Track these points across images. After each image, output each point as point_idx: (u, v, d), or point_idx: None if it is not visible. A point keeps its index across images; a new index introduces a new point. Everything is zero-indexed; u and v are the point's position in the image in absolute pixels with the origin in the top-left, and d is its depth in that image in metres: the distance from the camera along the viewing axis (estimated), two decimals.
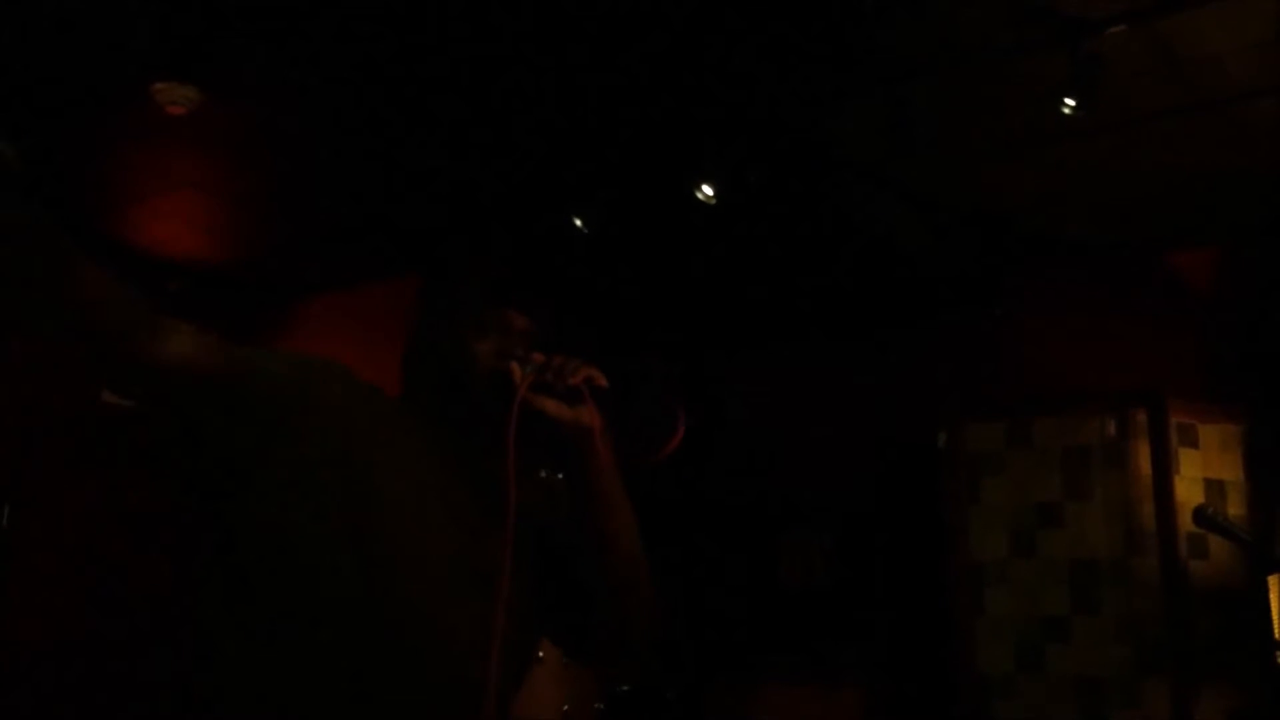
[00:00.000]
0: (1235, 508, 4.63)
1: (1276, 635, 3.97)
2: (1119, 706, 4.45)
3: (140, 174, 4.77)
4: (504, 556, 1.62)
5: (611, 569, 1.74)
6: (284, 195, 5.00)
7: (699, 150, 4.36)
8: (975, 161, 4.52)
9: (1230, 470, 4.68)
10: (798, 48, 3.80)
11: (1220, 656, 4.41)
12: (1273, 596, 4.01)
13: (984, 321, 5.42)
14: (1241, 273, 5.04)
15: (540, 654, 4.36)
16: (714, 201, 4.46)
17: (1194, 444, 4.64)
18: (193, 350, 1.52)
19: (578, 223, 4.81)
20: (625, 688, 4.80)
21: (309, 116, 4.31)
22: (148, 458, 5.71)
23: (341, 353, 6.16)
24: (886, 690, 5.29)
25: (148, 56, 3.80)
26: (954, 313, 5.57)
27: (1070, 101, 3.66)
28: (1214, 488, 4.62)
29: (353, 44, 3.78)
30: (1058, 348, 5.25)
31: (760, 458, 5.95)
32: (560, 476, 1.81)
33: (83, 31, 3.67)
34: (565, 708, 4.40)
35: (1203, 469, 4.64)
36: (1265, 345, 4.82)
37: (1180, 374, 4.91)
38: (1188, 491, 4.53)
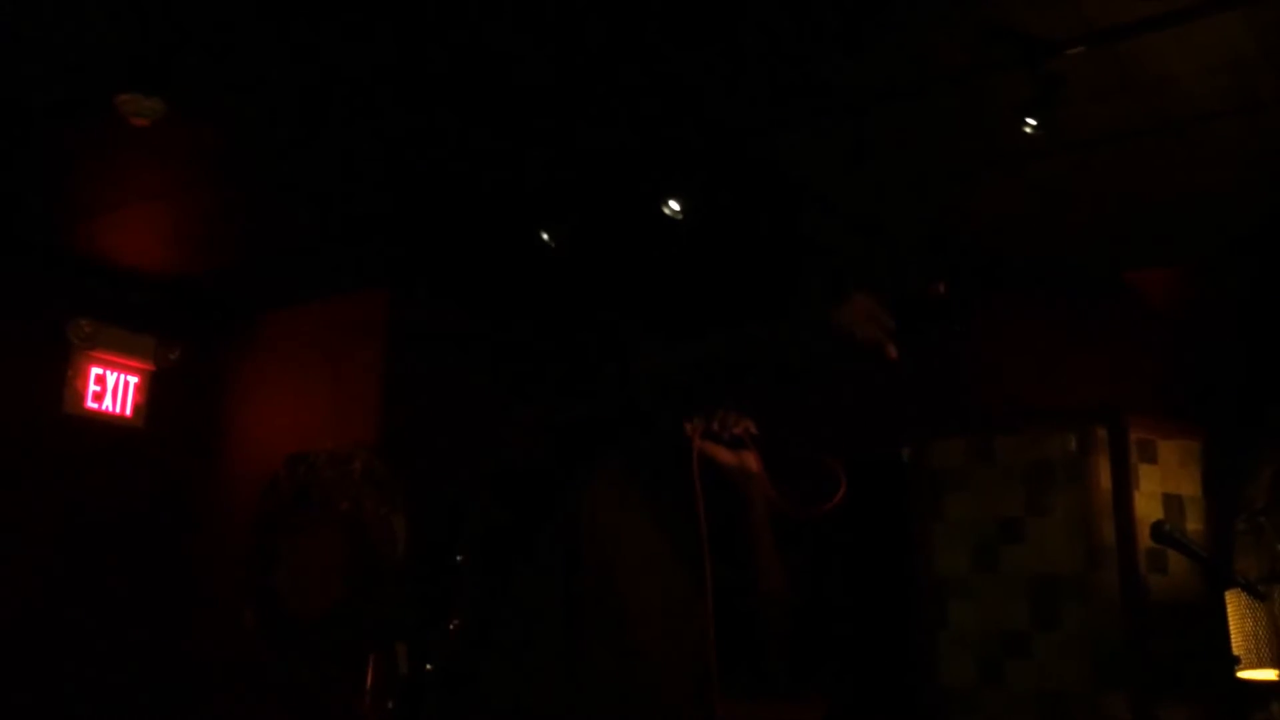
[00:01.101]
0: (1194, 523, 4.69)
1: (1234, 650, 4.01)
2: None
3: (103, 186, 4.73)
4: (706, 581, 1.86)
5: (763, 593, 2.00)
6: (248, 208, 4.97)
7: (667, 171, 4.39)
8: (939, 183, 4.56)
9: (1189, 486, 4.74)
10: (762, 72, 3.83)
11: (1178, 671, 4.46)
12: (1230, 611, 4.05)
13: (944, 337, 5.46)
14: (1200, 292, 5.11)
15: None
16: (681, 218, 4.48)
17: (1153, 460, 4.70)
18: None
19: (544, 237, 4.82)
20: None
21: (274, 129, 4.29)
22: (105, 463, 5.67)
23: (306, 366, 6.10)
24: (850, 703, 5.30)
25: (112, 68, 3.78)
26: (919, 332, 5.61)
27: (1031, 121, 3.70)
28: (1173, 503, 4.68)
29: (319, 59, 3.78)
30: (1020, 365, 5.30)
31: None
32: None
33: (47, 42, 3.65)
34: None
35: (1162, 485, 4.69)
36: (1223, 362, 4.89)
37: (1140, 391, 4.97)
38: (1147, 507, 4.58)
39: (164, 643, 5.66)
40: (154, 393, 5.90)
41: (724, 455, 1.98)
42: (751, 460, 1.99)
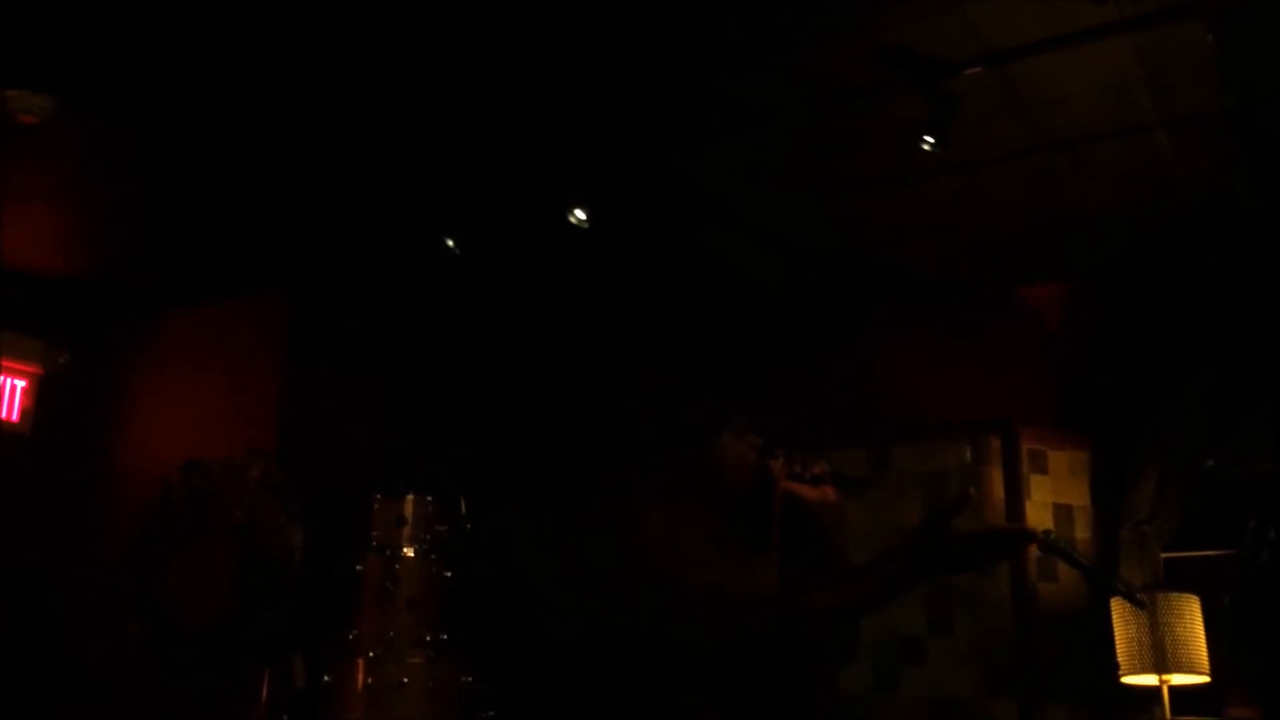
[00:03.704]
0: (1082, 532, 4.82)
1: (1117, 656, 4.13)
2: None
3: None
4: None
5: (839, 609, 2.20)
6: (139, 209, 4.86)
7: (568, 181, 4.39)
8: (838, 199, 4.63)
9: (1078, 496, 4.87)
10: (663, 88, 3.86)
11: (1066, 676, 4.58)
12: (1114, 618, 4.18)
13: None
14: (1090, 307, 5.26)
15: (404, 679, 4.31)
16: (587, 226, 4.48)
17: (1044, 470, 4.82)
18: None
19: (449, 243, 4.79)
20: (490, 713, 4.76)
21: (165, 129, 4.20)
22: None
23: (203, 370, 5.93)
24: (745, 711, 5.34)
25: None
26: (822, 345, 5.70)
27: (929, 139, 3.78)
28: (1062, 512, 4.80)
29: (215, 59, 3.71)
30: (918, 379, 5.40)
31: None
32: None
33: None
34: None
35: (1053, 494, 4.82)
36: (1111, 375, 5.04)
37: (1032, 403, 5.09)
38: (1038, 515, 4.70)
39: (52, 653, 5.49)
40: (42, 397, 5.73)
41: (806, 492, 2.27)
42: (830, 494, 2.29)
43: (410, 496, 4.57)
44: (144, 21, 3.49)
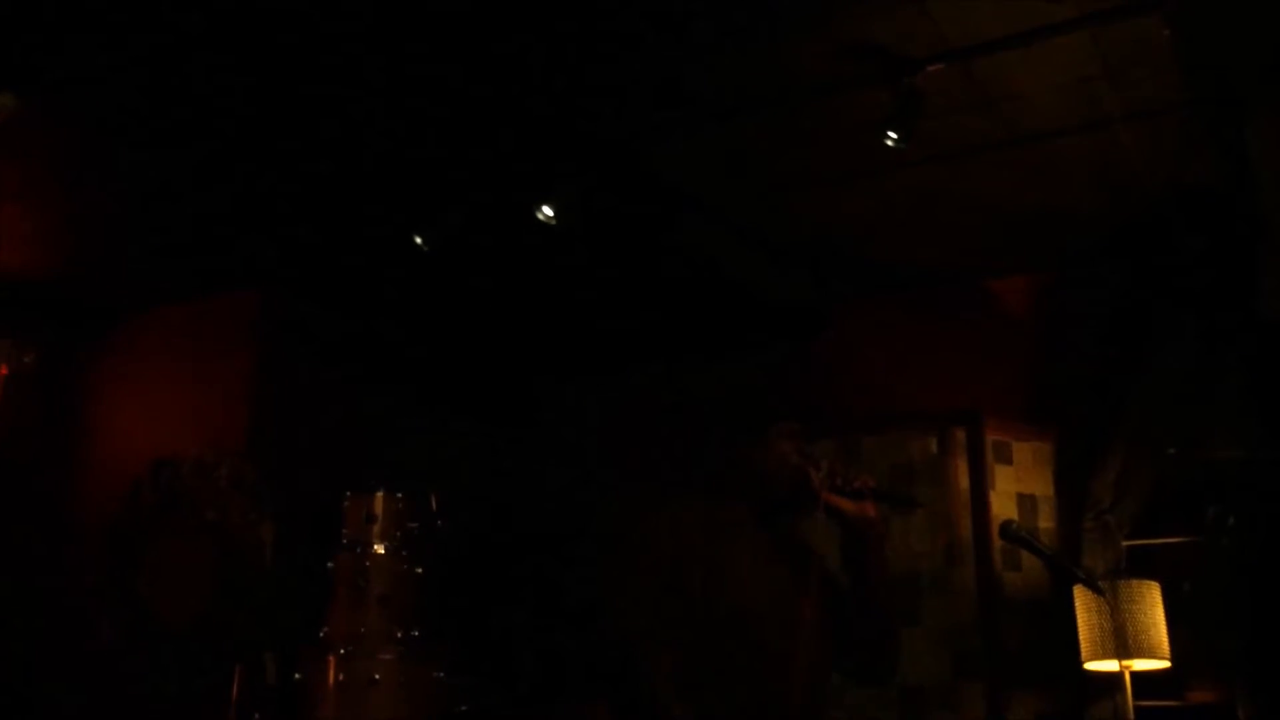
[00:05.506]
0: (1045, 521, 4.89)
1: (1080, 643, 4.20)
2: (938, 711, 4.64)
3: None
4: (808, 610, 2.34)
5: (879, 613, 2.47)
6: (105, 207, 4.83)
7: (540, 175, 4.40)
8: (803, 192, 4.67)
9: (1041, 485, 4.94)
10: (633, 80, 3.88)
11: (1030, 663, 4.65)
12: (1077, 606, 4.24)
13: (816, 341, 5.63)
14: (1054, 300, 5.32)
15: (376, 676, 4.31)
16: (554, 222, 4.50)
17: (1008, 461, 4.89)
18: None
19: (418, 240, 4.79)
20: (464, 708, 4.77)
21: (132, 128, 4.18)
22: None
23: (173, 369, 5.89)
24: None
25: None
26: (787, 337, 5.75)
27: (892, 134, 3.82)
28: (1026, 502, 4.87)
29: (183, 55, 3.70)
30: (884, 370, 5.46)
31: (591, 483, 6.00)
32: None
33: None
34: None
35: (1016, 484, 4.88)
36: (1074, 367, 5.11)
37: (997, 395, 5.15)
38: (1002, 506, 4.77)
39: (23, 656, 5.46)
40: (8, 398, 5.67)
41: (847, 505, 2.38)
42: (869, 508, 2.39)
43: (380, 493, 4.57)
44: (108, 19, 3.48)
